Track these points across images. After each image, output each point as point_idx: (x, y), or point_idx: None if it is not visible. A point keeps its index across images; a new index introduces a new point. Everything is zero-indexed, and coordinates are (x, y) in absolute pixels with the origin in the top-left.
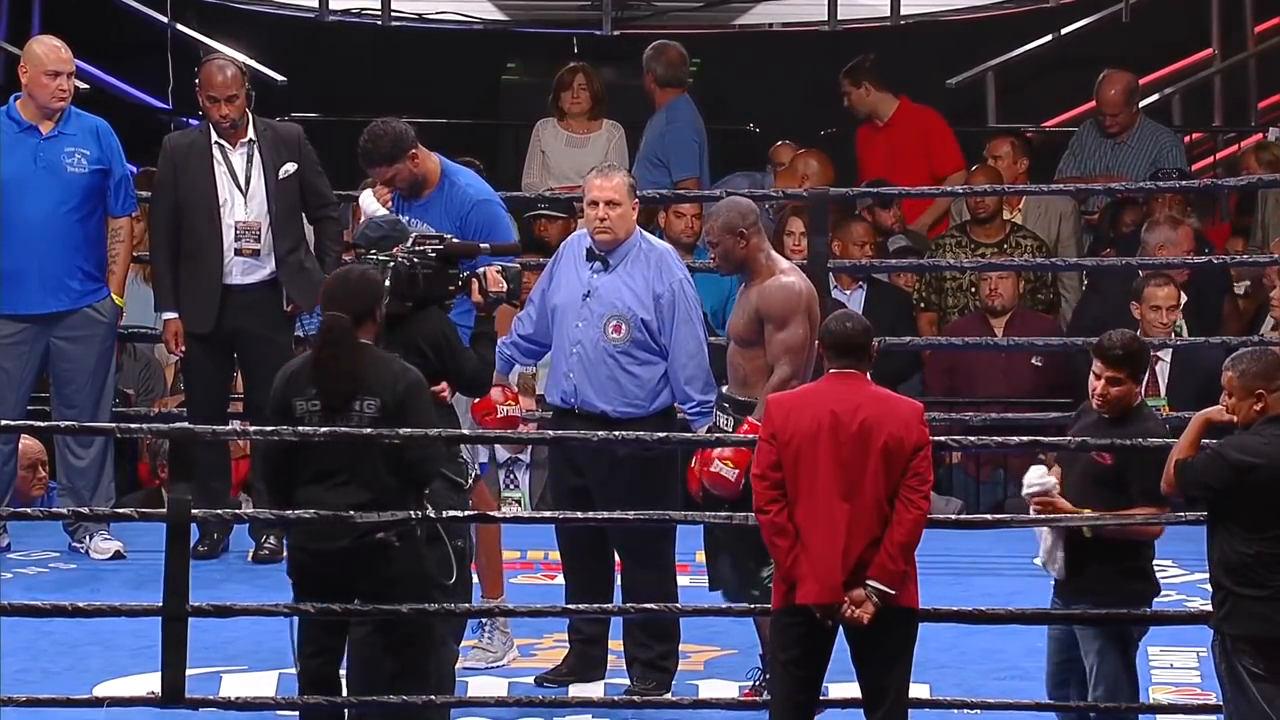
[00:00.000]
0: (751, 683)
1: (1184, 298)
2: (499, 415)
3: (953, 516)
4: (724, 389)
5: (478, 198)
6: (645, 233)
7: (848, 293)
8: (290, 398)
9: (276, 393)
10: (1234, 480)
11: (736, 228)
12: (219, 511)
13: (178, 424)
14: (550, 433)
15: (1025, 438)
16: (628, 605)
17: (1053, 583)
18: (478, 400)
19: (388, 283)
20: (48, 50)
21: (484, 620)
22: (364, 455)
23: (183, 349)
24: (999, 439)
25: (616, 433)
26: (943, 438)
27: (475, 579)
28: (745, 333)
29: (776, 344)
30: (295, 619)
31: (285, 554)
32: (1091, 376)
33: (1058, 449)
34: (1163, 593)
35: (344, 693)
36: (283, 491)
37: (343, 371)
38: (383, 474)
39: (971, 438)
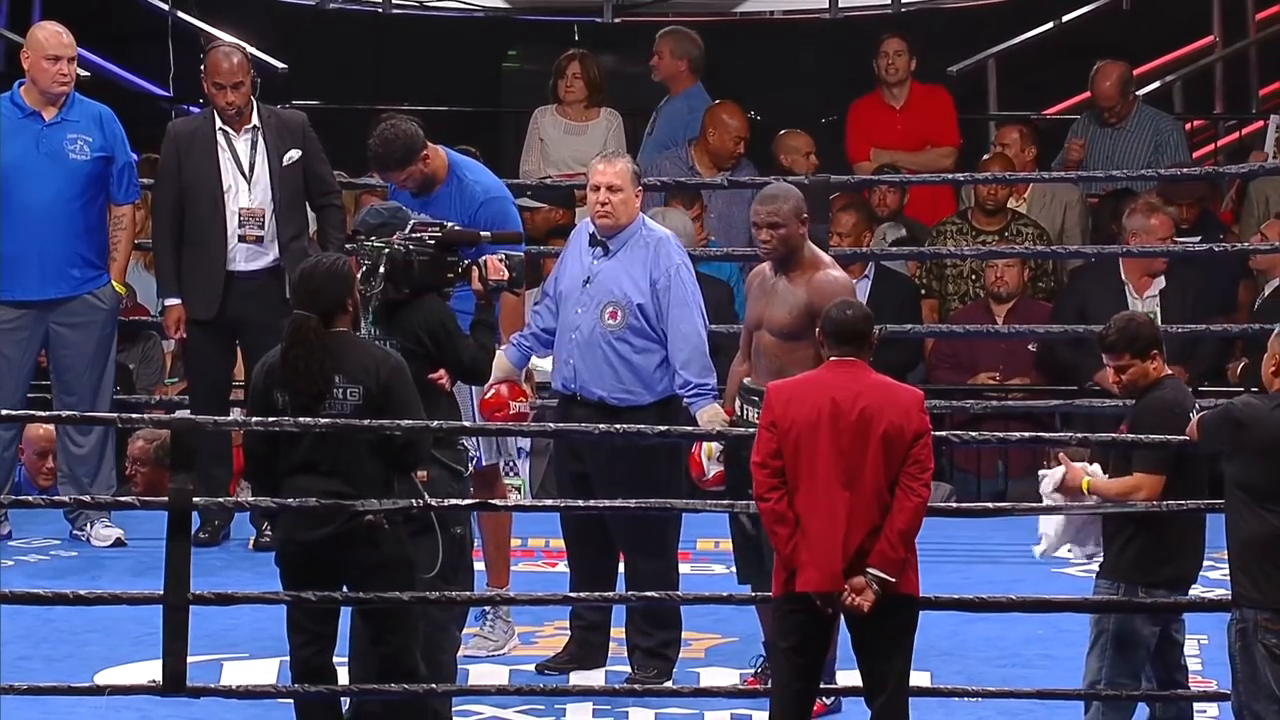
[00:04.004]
0: (755, 670)
1: (1163, 282)
2: (511, 412)
3: (953, 505)
4: (747, 381)
5: (485, 195)
6: (647, 219)
7: (853, 282)
8: (271, 390)
9: (256, 385)
10: (1233, 435)
11: (802, 213)
12: (220, 499)
13: (179, 414)
14: (550, 425)
15: (1027, 433)
16: (629, 593)
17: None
18: (488, 397)
19: (383, 269)
20: (49, 35)
21: (486, 608)
22: (347, 444)
23: (182, 334)
24: (1000, 434)
25: (616, 426)
26: (944, 433)
27: (482, 565)
28: (791, 325)
29: None
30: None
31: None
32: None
33: (1059, 444)
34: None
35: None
36: (266, 483)
37: (312, 371)
38: (366, 462)
39: (973, 433)
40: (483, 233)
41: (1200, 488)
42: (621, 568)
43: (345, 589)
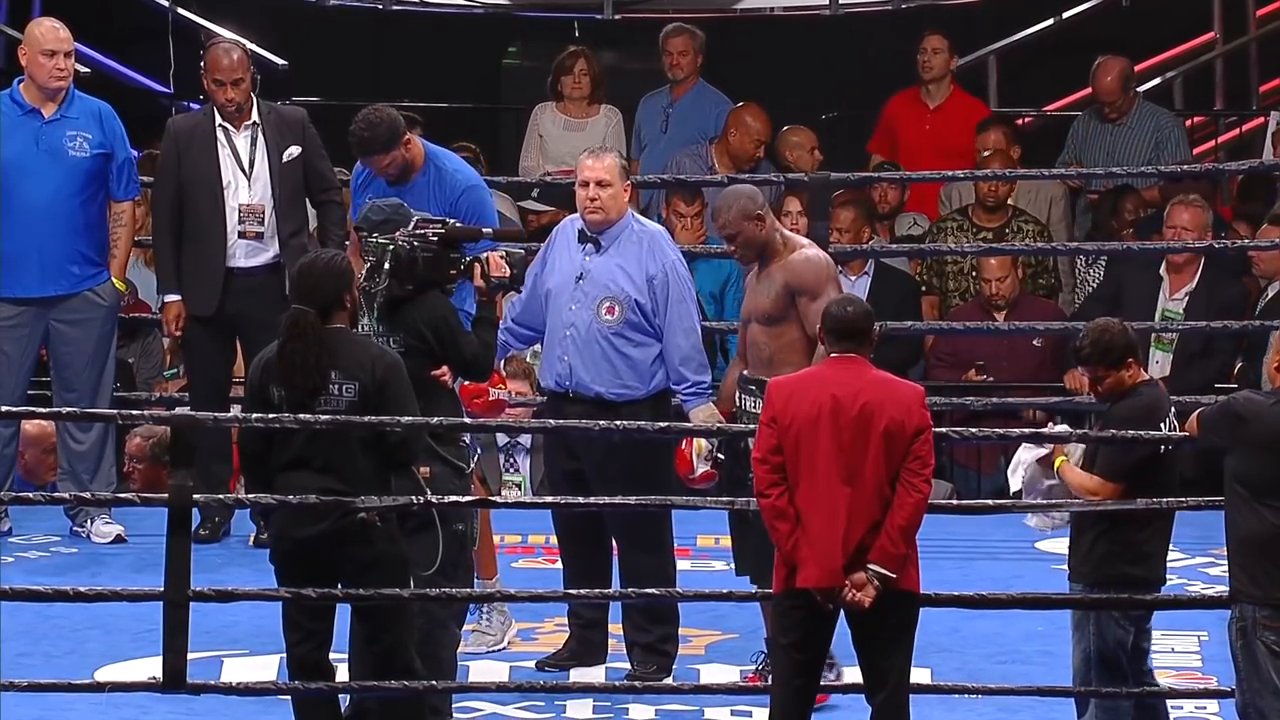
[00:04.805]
0: (755, 667)
1: (1194, 284)
2: (490, 399)
3: (954, 502)
4: (744, 371)
5: (466, 184)
6: (637, 214)
7: (853, 279)
8: (267, 385)
9: (253, 381)
10: (1233, 429)
11: (752, 213)
12: (220, 496)
13: (179, 410)
14: (550, 421)
15: (1027, 429)
16: (628, 590)
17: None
18: (466, 383)
19: (387, 265)
20: (45, 30)
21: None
22: (341, 440)
23: (180, 331)
24: (1000, 430)
25: (616, 423)
26: (944, 429)
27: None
28: (773, 309)
29: (814, 314)
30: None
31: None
32: None
33: (1058, 440)
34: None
35: (346, 680)
36: (260, 479)
37: (307, 367)
38: (359, 458)
39: (973, 429)
40: (485, 229)
41: (1169, 495)
42: (616, 562)
43: (340, 586)
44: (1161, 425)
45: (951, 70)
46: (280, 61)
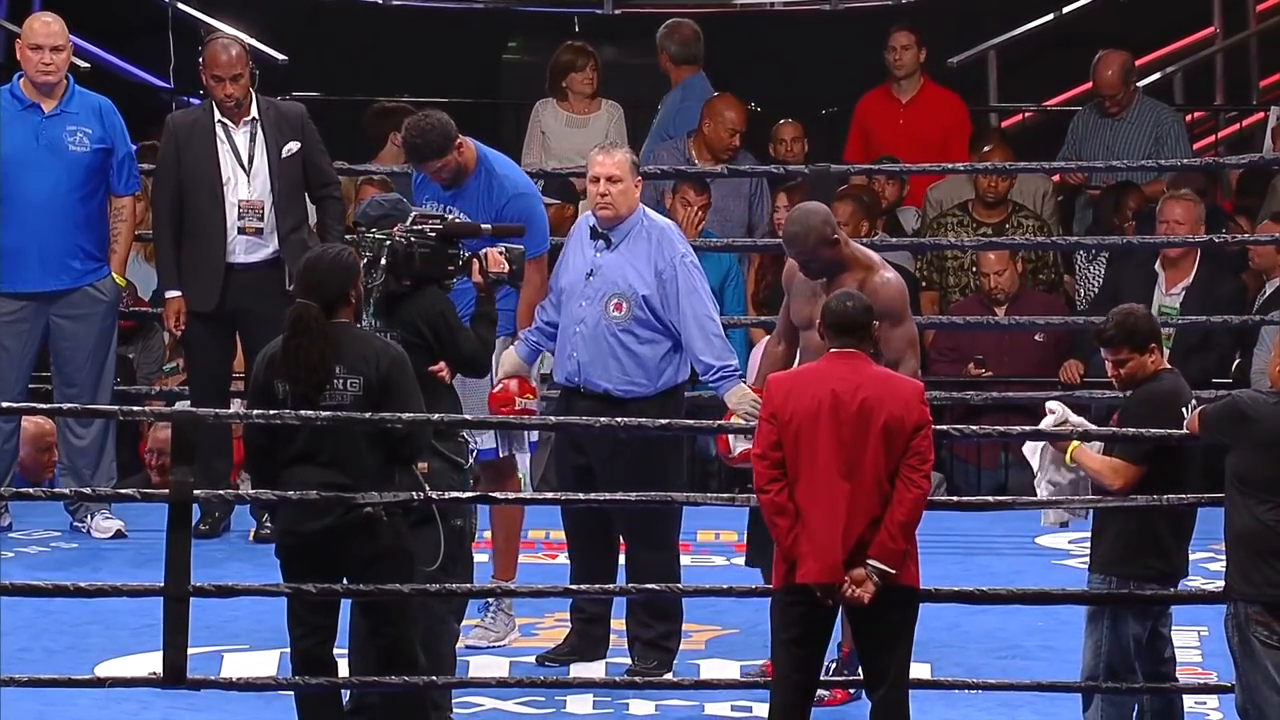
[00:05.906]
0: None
1: (1189, 279)
2: (516, 408)
3: (954, 499)
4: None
5: (515, 191)
6: (648, 210)
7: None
8: (271, 380)
9: (257, 376)
10: (1236, 426)
11: (829, 237)
12: (221, 492)
13: (180, 406)
14: (551, 419)
15: (1027, 428)
16: (630, 585)
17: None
18: (496, 391)
19: (384, 261)
20: (35, 25)
21: (488, 600)
22: (345, 435)
23: (182, 328)
24: (1000, 429)
25: (620, 419)
26: (944, 426)
27: (485, 558)
28: None
29: (897, 339)
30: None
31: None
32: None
33: (1059, 438)
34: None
35: (347, 674)
36: (266, 474)
37: (312, 362)
38: (364, 453)
39: (974, 427)
40: (484, 225)
41: (1192, 484)
42: (622, 557)
43: (345, 581)
44: (1184, 411)
45: (921, 64)
46: (279, 57)
